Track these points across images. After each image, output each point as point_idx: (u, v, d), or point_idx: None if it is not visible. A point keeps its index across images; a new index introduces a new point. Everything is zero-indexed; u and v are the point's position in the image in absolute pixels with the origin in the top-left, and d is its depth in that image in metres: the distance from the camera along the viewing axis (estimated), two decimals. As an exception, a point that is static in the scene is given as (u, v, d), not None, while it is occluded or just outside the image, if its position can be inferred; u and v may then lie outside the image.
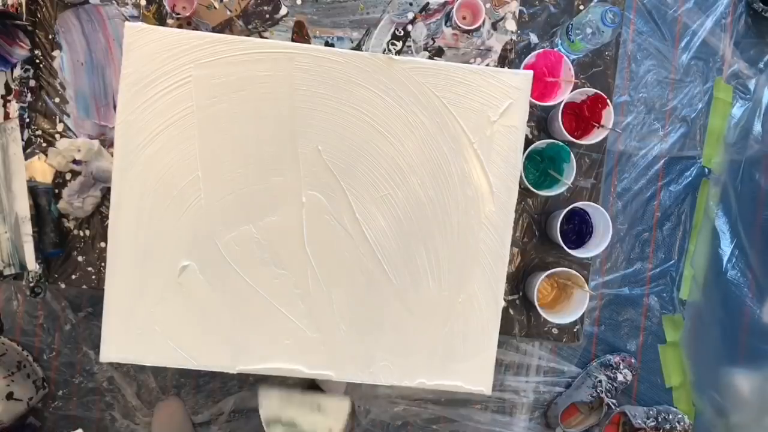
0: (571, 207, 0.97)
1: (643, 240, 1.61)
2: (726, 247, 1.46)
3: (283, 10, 1.04)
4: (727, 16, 1.62)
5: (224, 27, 1.03)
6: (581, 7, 1.06)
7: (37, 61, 1.02)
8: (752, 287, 1.42)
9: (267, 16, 1.04)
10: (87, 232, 1.02)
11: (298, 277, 0.84)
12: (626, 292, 1.60)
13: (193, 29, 0.93)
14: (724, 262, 1.45)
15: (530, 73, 0.85)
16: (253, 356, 0.84)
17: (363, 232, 0.84)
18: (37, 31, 1.02)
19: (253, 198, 0.83)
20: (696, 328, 1.54)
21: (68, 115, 1.01)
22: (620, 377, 1.52)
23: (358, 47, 1.04)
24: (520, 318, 1.05)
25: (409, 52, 1.05)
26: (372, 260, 0.85)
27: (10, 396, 1.35)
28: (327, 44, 1.04)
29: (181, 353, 0.84)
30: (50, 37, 1.02)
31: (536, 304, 0.97)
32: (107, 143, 1.02)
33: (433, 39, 1.05)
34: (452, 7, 1.02)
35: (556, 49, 1.02)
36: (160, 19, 1.02)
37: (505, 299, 1.03)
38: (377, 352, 0.85)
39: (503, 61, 1.05)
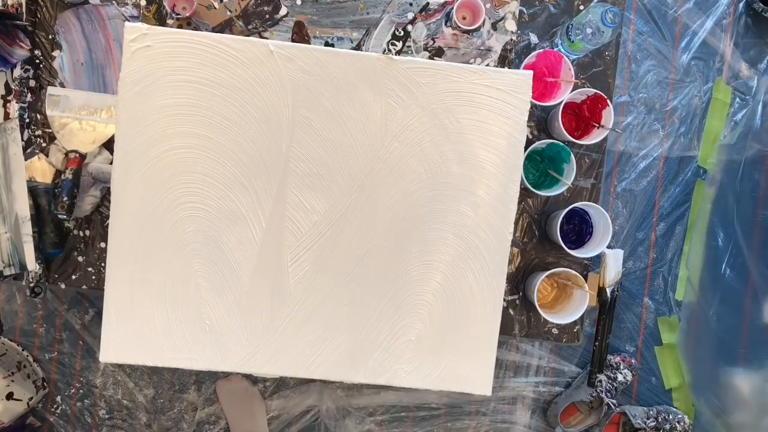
0: (571, 207, 0.97)
1: (643, 240, 1.61)
2: (722, 248, 1.46)
3: (283, 11, 1.04)
4: (727, 17, 1.62)
5: (224, 27, 1.03)
6: (581, 7, 1.06)
7: (37, 61, 1.02)
8: (750, 287, 1.42)
9: (267, 16, 1.04)
10: (87, 232, 1.02)
11: (298, 279, 0.84)
12: (626, 293, 1.60)
13: (193, 29, 0.93)
14: (721, 263, 1.45)
15: (530, 73, 0.85)
16: (256, 358, 0.84)
17: (361, 233, 0.84)
18: (37, 31, 1.02)
19: (254, 199, 0.84)
20: (692, 330, 1.54)
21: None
22: (620, 377, 1.52)
23: (358, 47, 1.04)
24: (520, 318, 1.05)
25: (409, 52, 1.05)
26: (370, 261, 0.85)
27: (10, 396, 1.35)
28: (327, 44, 1.04)
29: (181, 354, 0.84)
30: (50, 37, 1.02)
31: (536, 304, 0.97)
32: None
33: (433, 39, 1.05)
34: (452, 7, 1.02)
35: (556, 49, 1.02)
36: (160, 20, 1.02)
37: (505, 299, 1.03)
38: (376, 354, 0.85)
39: (503, 61, 1.05)
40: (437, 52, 1.05)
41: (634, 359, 1.55)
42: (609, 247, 0.99)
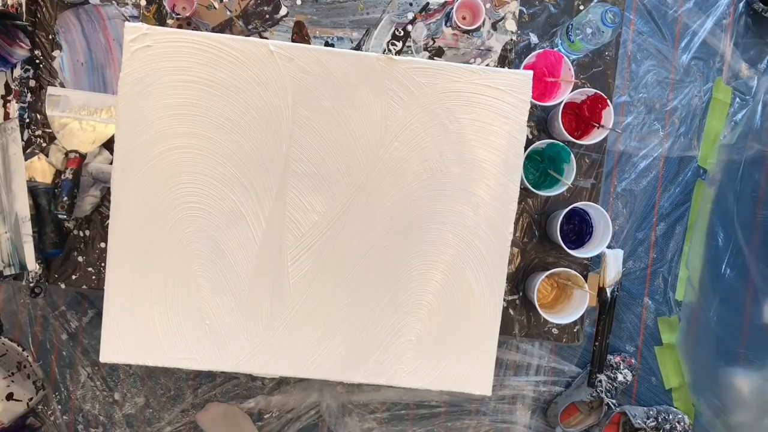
0: (571, 207, 0.97)
1: (643, 240, 1.61)
2: (722, 248, 1.46)
3: (283, 11, 1.04)
4: (727, 17, 1.62)
5: (224, 27, 1.03)
6: (581, 7, 1.06)
7: (37, 61, 1.02)
8: (750, 287, 1.42)
9: (267, 16, 1.04)
10: (87, 233, 1.02)
11: (298, 278, 0.84)
12: (626, 293, 1.60)
13: (193, 29, 0.93)
14: (721, 263, 1.45)
15: (530, 73, 0.85)
16: (256, 358, 0.84)
17: (361, 233, 0.84)
18: (37, 31, 1.02)
19: (254, 199, 0.83)
20: (692, 330, 1.54)
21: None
22: (620, 377, 1.52)
23: (358, 47, 1.04)
24: (520, 318, 1.05)
25: (409, 52, 1.05)
26: (370, 261, 0.85)
27: (10, 396, 1.35)
28: (327, 44, 1.04)
29: (181, 354, 0.84)
30: (50, 37, 1.02)
31: (536, 304, 0.97)
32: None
33: (433, 39, 1.05)
34: (452, 7, 1.02)
35: (556, 49, 1.02)
36: (160, 20, 1.02)
37: (505, 299, 1.03)
38: (376, 354, 0.85)
39: (503, 61, 1.05)
40: (437, 52, 1.05)
41: (634, 359, 1.55)
42: (609, 247, 0.99)
